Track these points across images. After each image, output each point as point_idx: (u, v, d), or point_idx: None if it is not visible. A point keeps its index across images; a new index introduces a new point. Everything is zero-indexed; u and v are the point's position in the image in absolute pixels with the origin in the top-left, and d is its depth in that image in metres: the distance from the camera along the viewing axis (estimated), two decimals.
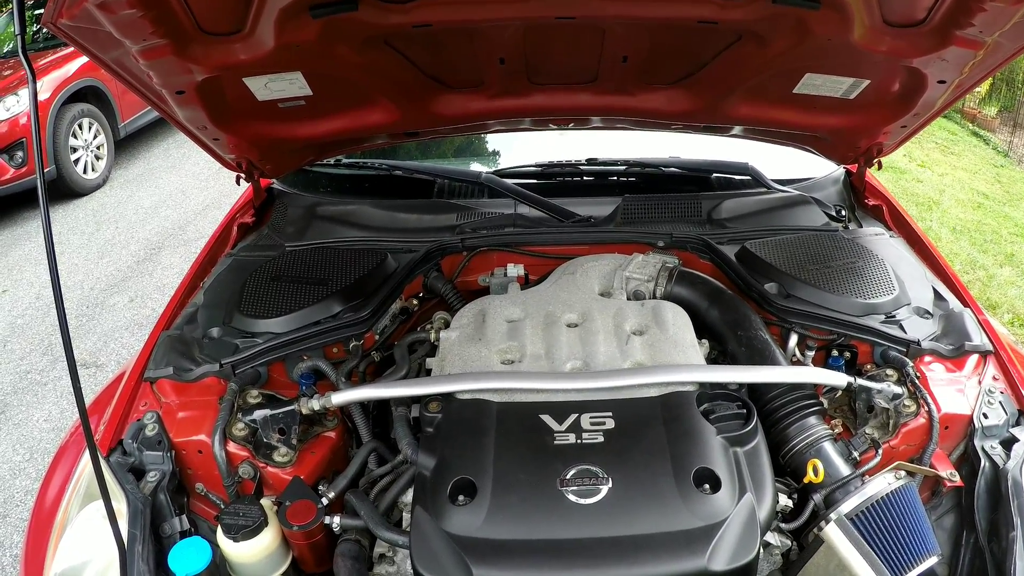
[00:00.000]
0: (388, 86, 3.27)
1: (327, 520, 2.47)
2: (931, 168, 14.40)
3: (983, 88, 19.86)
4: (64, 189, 10.52)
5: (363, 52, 2.95)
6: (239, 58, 2.76)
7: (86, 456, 2.62)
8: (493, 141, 4.89)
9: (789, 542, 2.50)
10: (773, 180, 4.04)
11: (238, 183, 3.81)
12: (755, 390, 2.74)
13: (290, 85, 3.06)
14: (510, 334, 2.85)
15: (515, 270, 3.39)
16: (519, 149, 4.71)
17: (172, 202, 10.40)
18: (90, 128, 10.99)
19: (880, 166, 3.87)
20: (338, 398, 2.65)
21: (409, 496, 2.49)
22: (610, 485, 2.18)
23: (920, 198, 12.05)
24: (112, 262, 8.78)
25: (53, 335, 7.27)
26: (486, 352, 2.74)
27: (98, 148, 11.17)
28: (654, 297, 3.20)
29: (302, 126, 3.45)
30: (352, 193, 4.18)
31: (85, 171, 10.82)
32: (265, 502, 2.52)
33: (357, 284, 3.16)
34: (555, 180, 4.16)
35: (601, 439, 2.32)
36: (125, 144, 12.27)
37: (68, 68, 10.61)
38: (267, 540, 2.43)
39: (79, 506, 2.57)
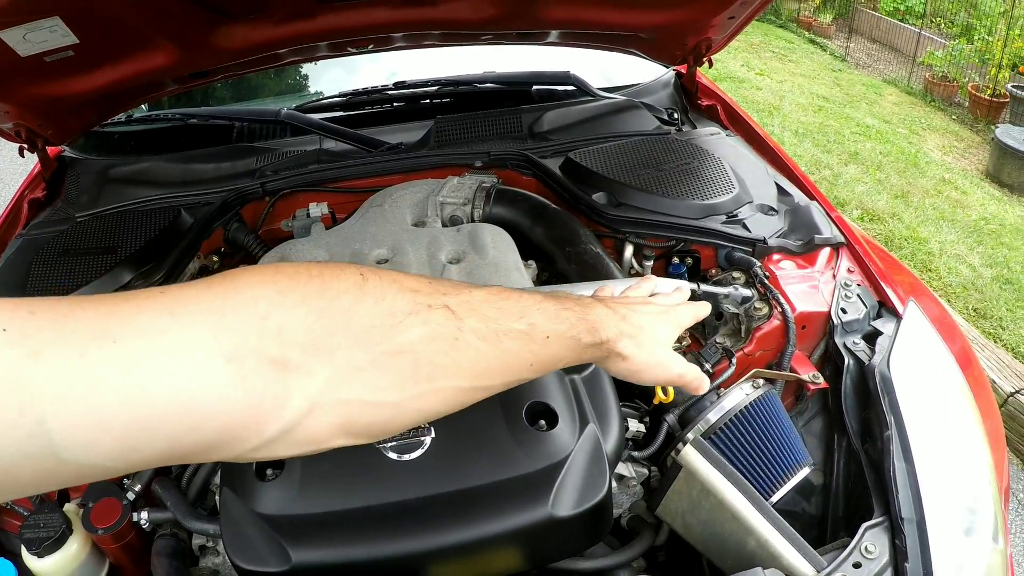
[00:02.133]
0: (162, 23, 2.95)
1: (135, 517, 2.19)
2: (770, 76, 14.71)
3: None
4: None
5: None
6: None
7: None
8: (295, 75, 4.68)
9: (646, 471, 2.28)
10: (599, 88, 3.86)
11: (21, 155, 3.45)
12: None
13: (51, 34, 2.70)
14: None
15: (318, 209, 3.12)
16: (326, 81, 4.50)
17: None
18: None
19: (711, 64, 3.71)
20: None
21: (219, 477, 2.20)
22: (432, 435, 1.91)
23: (761, 104, 12.28)
24: None
25: None
26: None
27: None
28: (472, 221, 2.98)
29: (76, 80, 3.12)
30: (148, 150, 3.86)
31: None
32: (70, 507, 2.24)
33: (147, 247, 2.87)
34: (363, 110, 3.94)
35: None
36: None
37: None
38: (74, 549, 2.16)
39: None
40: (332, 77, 4.50)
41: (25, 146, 3.36)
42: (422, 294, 1.19)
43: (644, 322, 1.60)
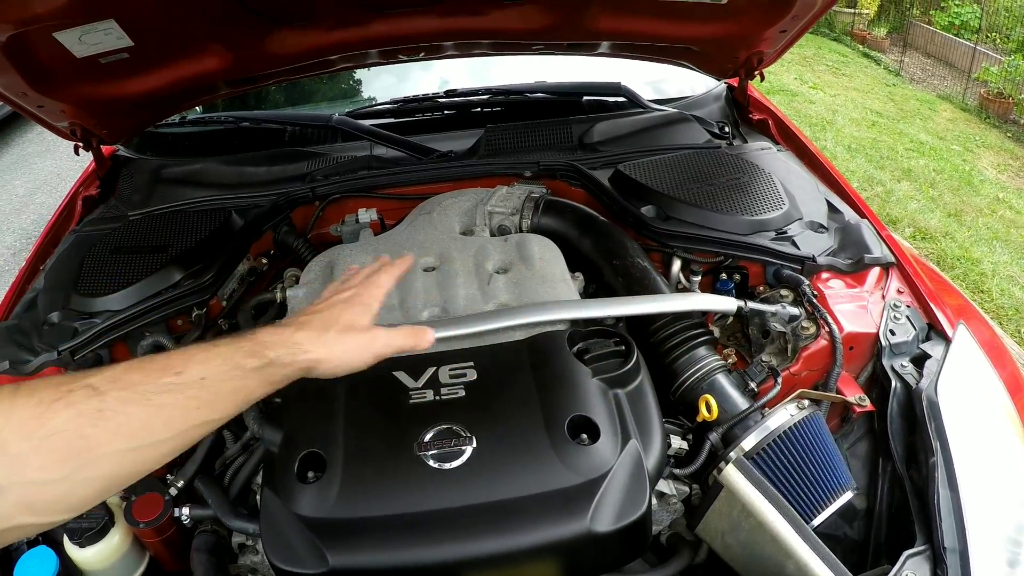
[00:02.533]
0: (214, 28, 3.00)
1: (176, 513, 2.21)
2: (823, 90, 14.64)
3: (872, 10, 20.32)
4: None
5: None
6: (36, 10, 2.48)
7: None
8: (348, 81, 4.69)
9: (687, 488, 2.27)
10: (650, 101, 3.84)
11: (76, 153, 3.51)
12: (637, 323, 2.53)
13: (106, 36, 2.75)
14: None
15: (367, 215, 3.15)
16: (377, 87, 4.52)
17: (48, 188, 10.03)
18: None
19: (763, 78, 3.68)
20: None
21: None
22: (474, 445, 1.93)
23: (813, 119, 12.22)
24: None
25: None
26: None
27: None
28: (520, 231, 2.97)
29: (131, 82, 3.16)
30: (201, 151, 3.90)
31: None
32: (114, 499, 2.25)
33: (197, 247, 2.90)
34: (413, 117, 3.95)
35: (462, 393, 2.07)
36: None
37: None
38: (115, 541, 2.18)
39: None
40: (382, 83, 4.51)
41: (80, 144, 3.40)
42: (65, 383, 1.31)
43: (327, 320, 1.72)
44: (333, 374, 1.70)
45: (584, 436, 1.95)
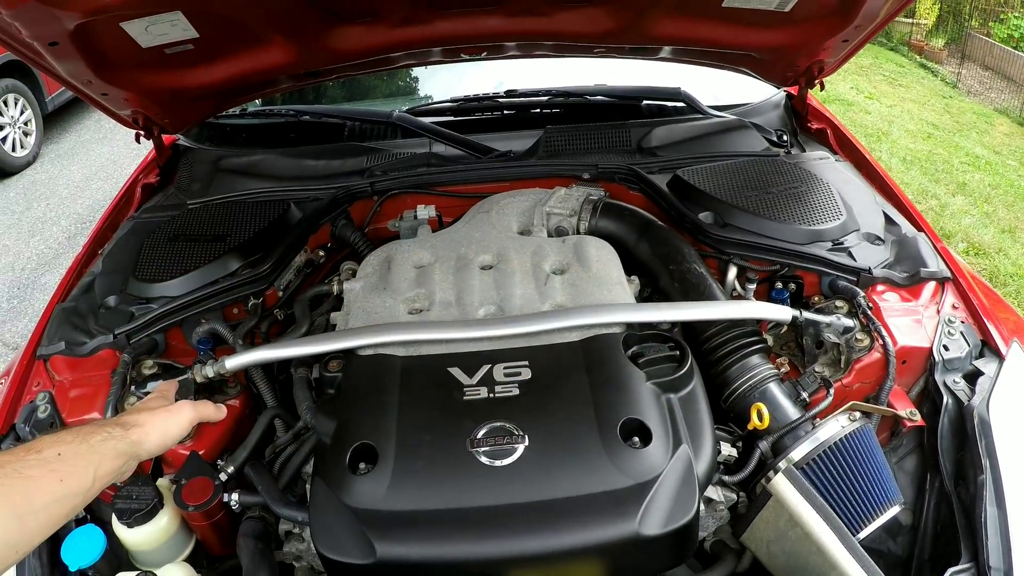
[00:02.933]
0: (279, 22, 3.03)
1: (225, 498, 2.24)
2: (879, 100, 14.58)
3: (930, 20, 20.20)
4: None
5: None
6: (106, 1, 2.50)
7: None
8: (406, 78, 4.74)
9: (735, 496, 2.28)
10: (709, 106, 3.85)
11: (137, 141, 3.58)
12: (691, 329, 2.54)
13: (172, 27, 2.81)
14: (418, 281, 2.63)
15: (425, 212, 3.16)
16: (434, 85, 4.56)
17: (104, 174, 10.18)
18: (16, 104, 10.65)
19: (822, 87, 3.68)
20: (232, 362, 2.42)
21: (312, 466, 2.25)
22: (526, 443, 1.95)
23: (869, 129, 12.17)
24: (43, 240, 8.57)
25: None
26: (392, 302, 2.52)
27: (26, 124, 10.81)
28: (577, 232, 2.98)
29: (194, 73, 3.21)
30: (259, 143, 3.95)
31: (13, 148, 10.45)
32: (163, 482, 2.29)
33: (256, 238, 2.94)
34: (473, 115, 3.97)
35: (516, 392, 2.10)
36: (54, 118, 11.95)
37: None
38: (163, 523, 2.21)
39: None
40: (440, 81, 4.55)
41: (142, 133, 3.45)
42: None
43: (145, 406, 2.18)
44: (158, 444, 2.06)
45: (636, 439, 1.96)
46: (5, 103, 10.43)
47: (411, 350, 2.29)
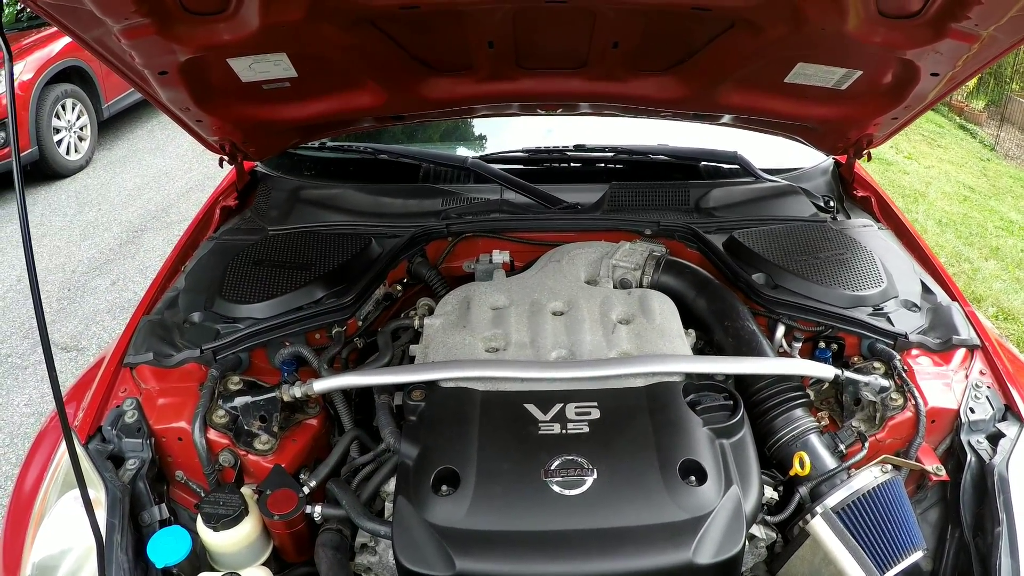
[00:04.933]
0: (374, 68, 3.22)
1: (308, 509, 2.44)
2: (918, 160, 14.50)
3: (971, 82, 20.08)
4: (47, 170, 10.43)
5: (350, 33, 2.90)
6: (223, 38, 2.71)
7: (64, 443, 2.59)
8: (479, 125, 4.87)
9: (774, 535, 2.49)
10: (762, 169, 4.02)
11: (221, 165, 3.80)
12: (742, 381, 2.73)
13: (275, 66, 3.01)
14: (495, 322, 2.83)
15: (501, 256, 3.37)
16: (506, 134, 4.69)
17: (156, 184, 10.34)
18: (73, 109, 10.88)
19: (869, 157, 3.86)
20: (320, 385, 2.62)
21: (391, 486, 2.46)
22: (595, 476, 2.16)
23: (907, 190, 12.14)
24: (94, 244, 8.71)
25: (34, 318, 7.10)
26: (470, 340, 2.72)
27: (81, 129, 11.07)
28: (640, 286, 3.19)
29: (287, 108, 3.40)
30: (336, 177, 4.14)
31: (68, 152, 10.70)
32: (245, 491, 2.49)
33: (340, 269, 3.13)
34: (542, 166, 4.14)
35: (586, 429, 2.30)
36: (109, 125, 12.19)
37: (52, 48, 10.51)
38: (247, 529, 2.41)
39: (58, 494, 2.52)
40: (508, 129, 4.71)
41: (226, 158, 3.65)
42: None
43: None
44: None
45: (693, 478, 2.18)
46: (63, 107, 10.65)
47: (489, 385, 2.48)
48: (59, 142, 10.52)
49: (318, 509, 2.45)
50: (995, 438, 2.64)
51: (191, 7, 2.57)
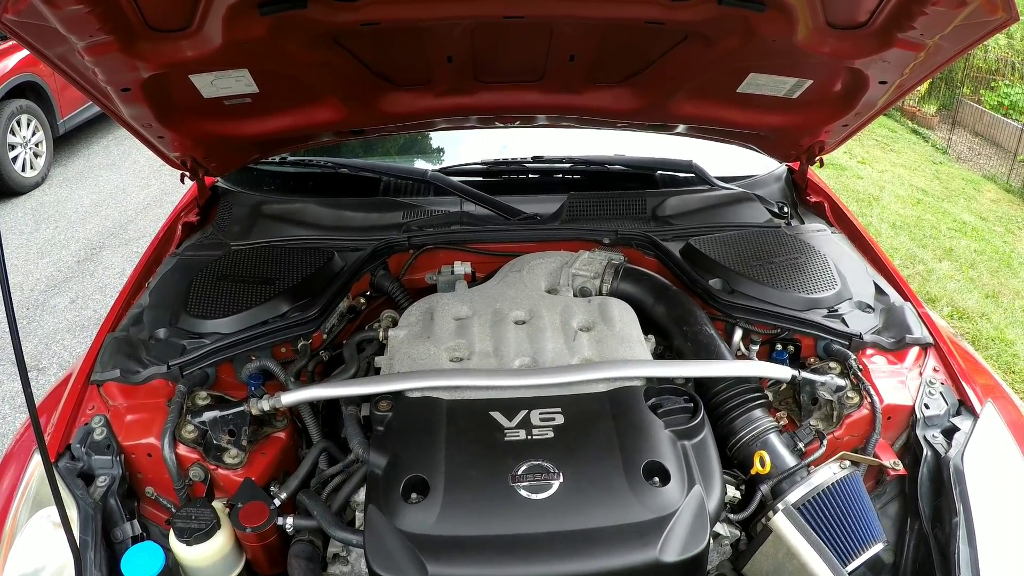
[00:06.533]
0: (336, 84, 3.26)
1: (280, 521, 2.46)
2: (871, 165, 14.62)
3: (922, 87, 20.25)
4: (2, 188, 10.31)
5: (311, 50, 2.93)
6: (186, 55, 2.72)
7: (35, 461, 2.60)
8: (438, 138, 4.90)
9: (738, 532, 2.56)
10: (716, 177, 4.09)
11: (182, 181, 3.79)
12: (701, 384, 2.78)
13: (236, 82, 3.03)
14: (458, 332, 2.88)
15: (462, 268, 3.42)
16: (465, 147, 4.72)
17: (113, 200, 10.29)
18: (28, 124, 10.77)
19: (822, 164, 3.93)
20: (288, 398, 2.64)
21: (361, 495, 2.49)
22: (561, 480, 2.21)
23: (860, 194, 12.25)
24: (52, 262, 8.63)
25: None
26: (435, 350, 2.76)
27: (36, 145, 10.93)
28: (600, 293, 3.25)
29: (248, 124, 3.43)
30: (298, 191, 4.18)
31: (24, 169, 10.56)
32: (217, 504, 2.51)
33: (304, 283, 3.15)
34: (501, 178, 4.19)
35: (551, 435, 2.35)
36: (64, 141, 12.07)
37: (6, 63, 10.39)
38: (220, 543, 2.43)
39: (28, 512, 2.51)
40: (467, 142, 4.74)
41: (187, 174, 3.66)
42: None
43: None
44: None
45: (656, 479, 2.24)
46: (18, 123, 10.55)
47: (455, 394, 2.53)
48: (14, 159, 10.39)
49: (290, 521, 2.48)
50: (950, 432, 2.72)
51: (155, 24, 2.59)
